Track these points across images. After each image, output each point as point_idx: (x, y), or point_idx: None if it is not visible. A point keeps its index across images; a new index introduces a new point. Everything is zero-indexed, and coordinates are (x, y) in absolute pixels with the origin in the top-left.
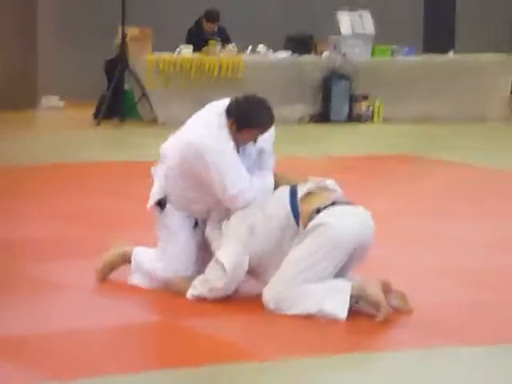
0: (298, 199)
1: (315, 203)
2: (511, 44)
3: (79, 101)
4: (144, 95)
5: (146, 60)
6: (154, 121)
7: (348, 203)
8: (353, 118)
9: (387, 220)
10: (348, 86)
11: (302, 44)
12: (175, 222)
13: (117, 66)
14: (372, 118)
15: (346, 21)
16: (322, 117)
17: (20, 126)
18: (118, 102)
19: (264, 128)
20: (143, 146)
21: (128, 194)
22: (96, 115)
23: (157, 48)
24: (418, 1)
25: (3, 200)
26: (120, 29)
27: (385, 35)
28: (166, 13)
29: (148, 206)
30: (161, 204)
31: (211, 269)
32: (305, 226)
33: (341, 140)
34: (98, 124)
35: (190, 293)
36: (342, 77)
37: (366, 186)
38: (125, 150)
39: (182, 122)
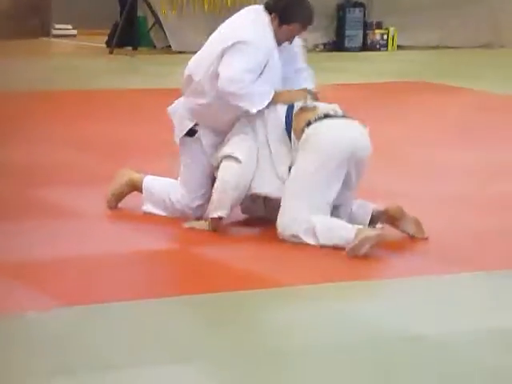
0: (293, 115)
1: (308, 117)
2: None
3: (92, 29)
4: (157, 22)
5: None
6: (167, 48)
7: (342, 116)
8: (367, 46)
9: (398, 149)
10: (362, 13)
11: None
12: (201, 149)
13: None
14: (386, 45)
15: None
16: (337, 45)
17: (33, 53)
18: (131, 30)
19: (305, 23)
20: (157, 74)
21: (142, 121)
22: (109, 43)
23: None
24: None
25: (14, 124)
26: None
27: None
28: None
29: (177, 139)
30: (190, 134)
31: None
32: (298, 140)
33: (355, 68)
34: (111, 52)
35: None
36: (356, 4)
37: (380, 113)
38: (138, 77)
39: (195, 50)
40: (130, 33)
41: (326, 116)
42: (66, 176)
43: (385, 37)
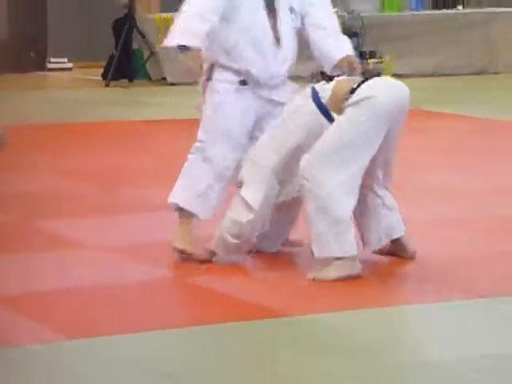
0: (320, 94)
1: (344, 87)
2: None
3: (88, 62)
4: (153, 54)
5: (154, 19)
6: (163, 80)
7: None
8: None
9: (397, 173)
10: (357, 42)
11: None
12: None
13: (124, 26)
14: (382, 73)
15: None
16: None
17: (29, 87)
18: (126, 62)
19: None
20: (153, 105)
21: (140, 152)
22: (104, 76)
23: (165, 7)
24: None
25: (16, 156)
26: None
27: None
28: None
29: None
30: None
31: (235, 205)
32: (340, 111)
33: None
34: (107, 85)
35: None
36: (350, 33)
37: None
38: (135, 109)
39: (190, 82)
40: (126, 65)
41: (366, 79)
42: (65, 207)
43: (379, 65)
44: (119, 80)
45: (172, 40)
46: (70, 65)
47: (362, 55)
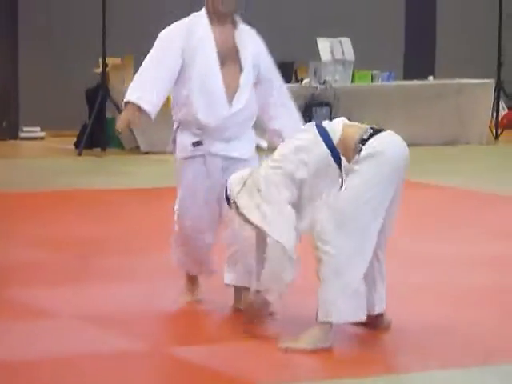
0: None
1: (355, 134)
2: (491, 68)
3: (61, 131)
4: None
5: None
6: (136, 149)
7: (382, 130)
8: None
9: None
10: (329, 112)
11: (282, 71)
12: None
13: (98, 96)
14: None
15: (325, 47)
16: None
17: (1, 155)
18: (99, 132)
19: None
20: (126, 174)
21: (113, 221)
22: (77, 145)
23: None
24: (399, 27)
25: None
26: (101, 58)
27: (365, 61)
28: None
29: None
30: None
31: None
32: (350, 159)
33: None
34: (80, 154)
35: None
36: (323, 103)
37: None
38: (108, 178)
39: (163, 150)
40: (99, 134)
41: (375, 131)
42: (37, 276)
43: None
44: (92, 149)
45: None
46: (42, 134)
47: None
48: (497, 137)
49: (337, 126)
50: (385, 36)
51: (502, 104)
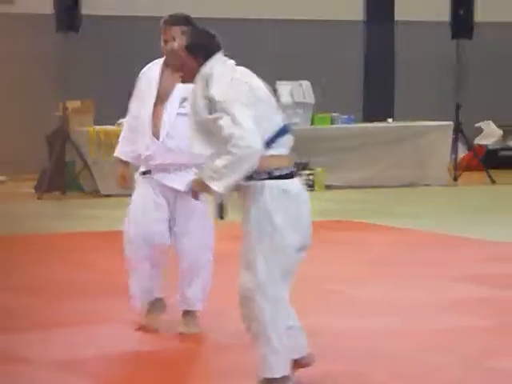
0: None
1: None
2: (450, 111)
3: (20, 175)
4: (86, 167)
5: (87, 132)
6: (96, 192)
7: None
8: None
9: (317, 285)
10: None
11: None
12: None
13: (58, 139)
14: (313, 185)
15: (286, 90)
16: None
17: None
18: (59, 175)
19: None
20: (86, 217)
21: (75, 264)
22: (37, 188)
23: (98, 120)
24: (358, 70)
25: None
26: (61, 102)
27: (325, 104)
28: (107, 86)
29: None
30: None
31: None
32: None
33: None
34: (40, 197)
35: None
36: None
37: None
38: (68, 221)
39: (122, 194)
40: (59, 178)
41: None
42: (6, 321)
43: (311, 177)
44: (52, 192)
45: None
46: (2, 178)
47: (296, 167)
48: (456, 178)
49: None
50: (344, 79)
51: (460, 146)
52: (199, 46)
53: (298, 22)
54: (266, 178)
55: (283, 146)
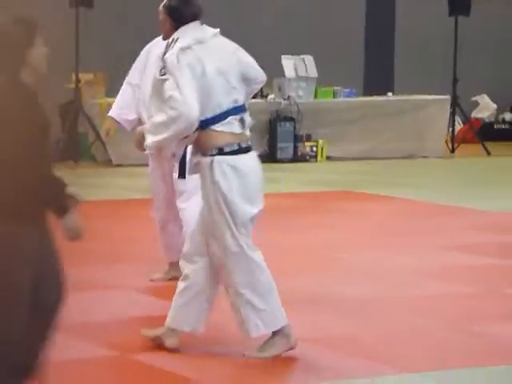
0: None
1: None
2: (447, 85)
3: None
4: (98, 138)
5: (99, 104)
6: (108, 162)
7: None
8: (298, 157)
9: (318, 252)
10: (292, 127)
11: None
12: None
13: (71, 110)
14: (316, 156)
15: (289, 64)
16: (269, 157)
17: None
18: (72, 145)
19: None
20: (99, 186)
21: (89, 232)
22: None
23: (110, 92)
24: (359, 45)
25: None
26: (74, 74)
27: (327, 78)
28: (119, 58)
29: None
30: None
31: None
32: None
33: (286, 178)
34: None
35: None
36: (287, 118)
37: (308, 220)
38: (81, 190)
39: (134, 163)
40: (72, 148)
41: None
42: None
43: (314, 148)
44: (65, 162)
45: None
46: None
47: (298, 139)
48: (453, 150)
49: None
50: (346, 54)
51: (457, 119)
52: (175, 9)
53: None
54: (216, 154)
55: (234, 124)
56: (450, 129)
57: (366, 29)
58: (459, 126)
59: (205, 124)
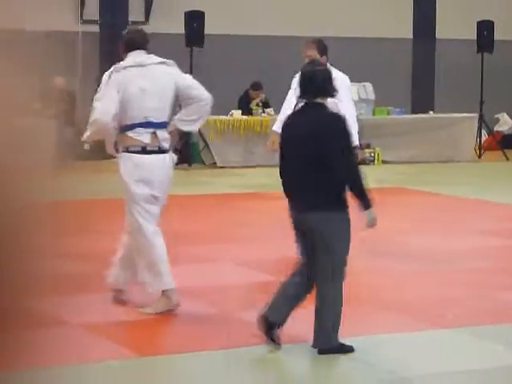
0: None
1: None
2: (475, 105)
3: None
4: (206, 146)
5: (207, 120)
6: (213, 164)
7: None
8: (360, 161)
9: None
10: (357, 137)
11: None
12: None
13: None
14: (374, 161)
15: (354, 89)
16: None
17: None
18: (187, 152)
19: None
20: (207, 184)
21: (200, 218)
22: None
23: (215, 111)
24: (407, 75)
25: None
26: None
27: (383, 100)
28: (223, 85)
29: None
30: None
31: None
32: None
33: None
34: (174, 168)
35: None
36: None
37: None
38: (193, 186)
39: (235, 165)
40: (187, 154)
41: None
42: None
43: (372, 154)
44: (182, 164)
45: None
46: None
47: (360, 146)
48: (480, 156)
49: None
50: (397, 82)
51: (483, 132)
52: (126, 38)
53: (365, 40)
54: (124, 151)
55: (143, 135)
56: (478, 139)
57: (413, 63)
58: (484, 137)
59: (123, 129)
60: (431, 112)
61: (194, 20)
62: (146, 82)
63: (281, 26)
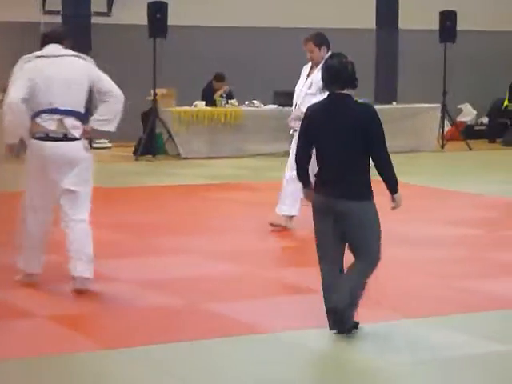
0: None
1: None
2: (438, 96)
3: (123, 143)
4: (170, 137)
5: (171, 111)
6: (178, 155)
7: None
8: None
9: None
10: None
11: (286, 98)
12: None
13: (150, 116)
14: None
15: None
16: None
17: None
18: (151, 143)
19: None
20: (171, 175)
21: (159, 209)
22: (135, 152)
23: (179, 103)
24: (371, 66)
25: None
26: (152, 89)
27: None
28: (185, 79)
29: None
30: None
31: None
32: None
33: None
34: (137, 159)
35: None
36: None
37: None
38: (157, 177)
39: (199, 156)
40: (151, 145)
41: None
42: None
43: None
44: (146, 156)
45: None
46: (109, 145)
47: None
48: (442, 146)
49: None
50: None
51: (446, 122)
52: (43, 33)
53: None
54: (31, 137)
55: (48, 122)
56: (441, 130)
57: (377, 53)
58: (447, 127)
59: (32, 116)
60: (394, 103)
61: (157, 11)
62: (54, 70)
63: (244, 18)
